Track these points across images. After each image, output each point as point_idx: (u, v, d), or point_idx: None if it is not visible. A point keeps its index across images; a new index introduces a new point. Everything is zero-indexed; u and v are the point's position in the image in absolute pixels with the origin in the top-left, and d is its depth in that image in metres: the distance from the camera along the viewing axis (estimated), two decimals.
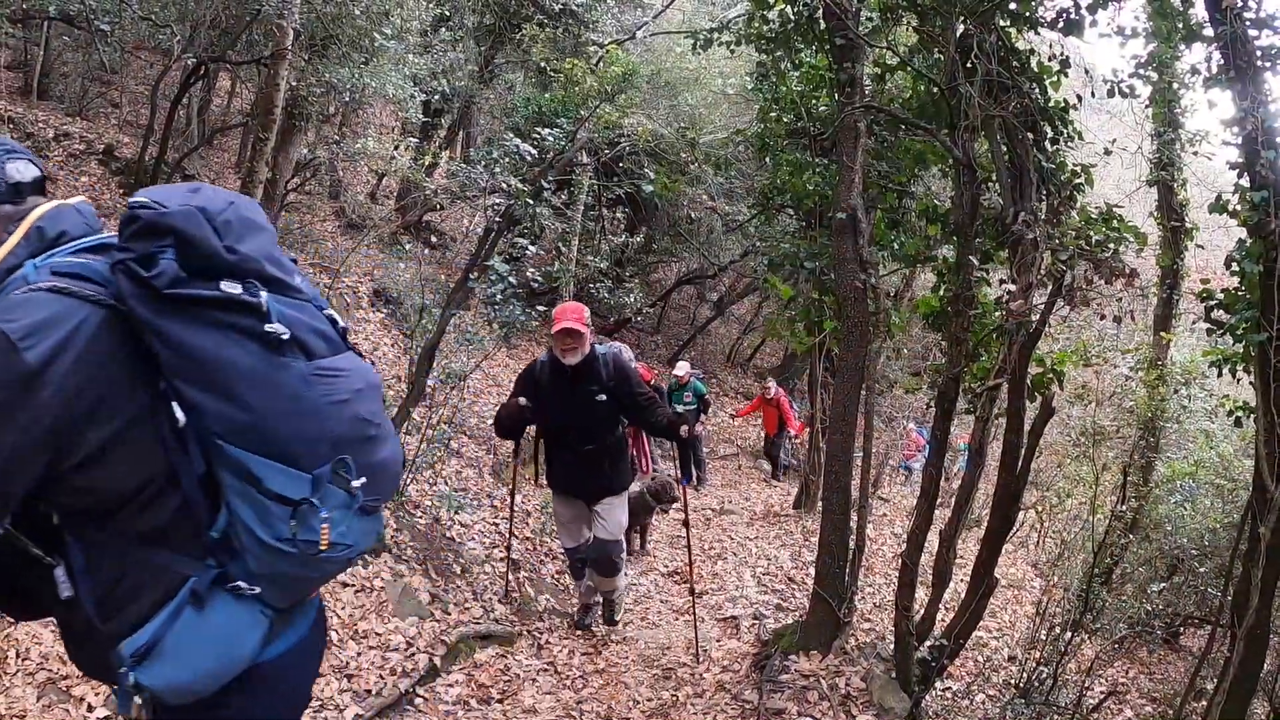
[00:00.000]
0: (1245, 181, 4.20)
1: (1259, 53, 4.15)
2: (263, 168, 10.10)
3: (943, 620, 5.47)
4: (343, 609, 5.02)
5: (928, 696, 5.17)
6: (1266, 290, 4.08)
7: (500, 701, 4.89)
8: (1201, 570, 7.83)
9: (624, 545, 6.16)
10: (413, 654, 4.90)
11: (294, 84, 10.66)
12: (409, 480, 6.75)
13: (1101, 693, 6.28)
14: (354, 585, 5.29)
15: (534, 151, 7.89)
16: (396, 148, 13.54)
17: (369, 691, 4.47)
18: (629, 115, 12.15)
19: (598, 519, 5.85)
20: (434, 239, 16.89)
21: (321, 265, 11.40)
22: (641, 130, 12.37)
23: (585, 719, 4.86)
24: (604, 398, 5.50)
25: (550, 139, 8.43)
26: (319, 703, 4.24)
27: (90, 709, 3.59)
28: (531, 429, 6.20)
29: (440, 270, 14.67)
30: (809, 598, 5.65)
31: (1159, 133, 10.42)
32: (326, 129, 14.38)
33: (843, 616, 5.23)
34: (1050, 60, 5.13)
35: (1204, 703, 5.07)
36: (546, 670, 5.52)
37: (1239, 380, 4.94)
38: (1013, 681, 5.93)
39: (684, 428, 5.69)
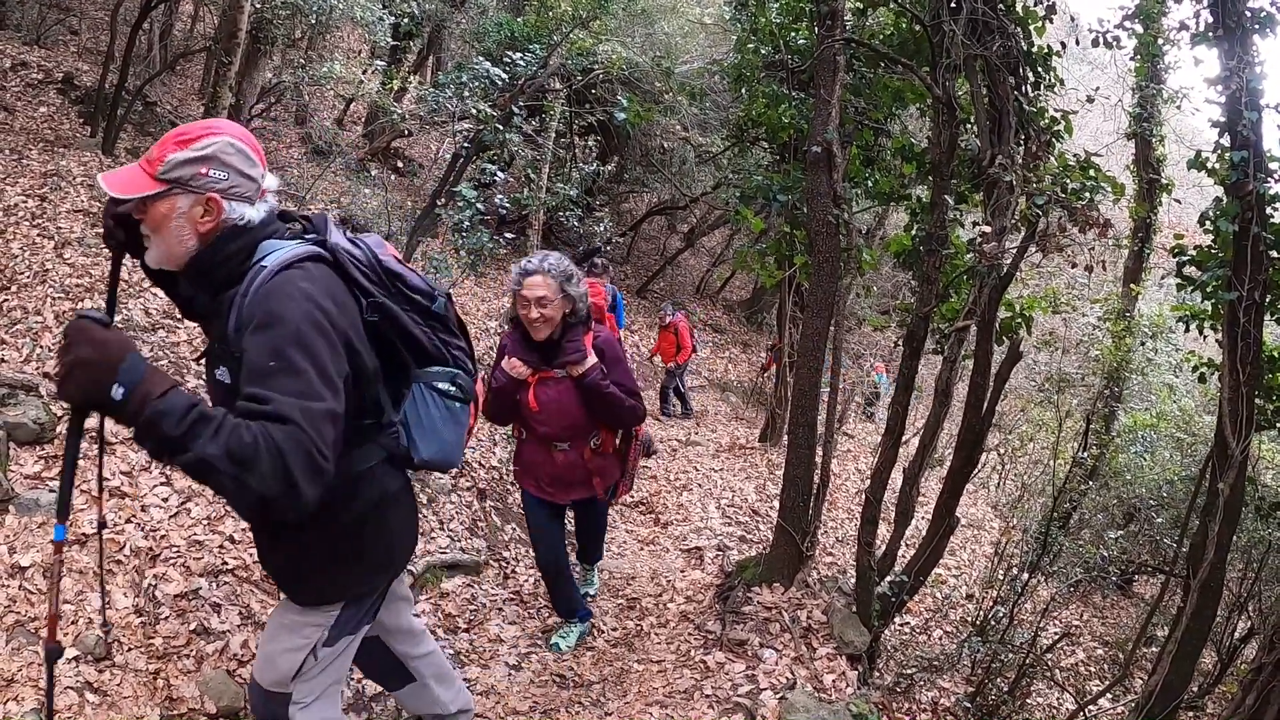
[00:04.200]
0: (1226, 141, 4.22)
1: (1249, 14, 4.14)
2: (227, 93, 9.87)
3: (903, 557, 5.56)
4: None
5: (887, 631, 5.28)
6: (1240, 250, 4.12)
7: (467, 631, 4.93)
8: (1158, 520, 8.03)
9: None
10: None
11: (258, 6, 10.37)
12: None
13: (1055, 634, 6.46)
14: None
15: (505, 76, 7.74)
16: (364, 72, 13.24)
17: None
18: (603, 42, 11.95)
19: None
20: (401, 165, 16.67)
21: (287, 192, 11.18)
22: (615, 58, 12.16)
23: (551, 648, 4.91)
24: (224, 375, 2.31)
25: (522, 64, 8.27)
26: None
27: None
28: None
29: (408, 197, 14.47)
30: (772, 530, 5.71)
31: (1141, 86, 10.44)
32: (292, 53, 14.04)
33: (805, 550, 5.30)
34: (1036, 5, 5.08)
35: (1154, 649, 5.22)
36: (513, 600, 5.56)
37: (1205, 337, 5.01)
38: (970, 619, 6.07)
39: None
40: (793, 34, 7.97)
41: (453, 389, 2.68)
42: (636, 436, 4.77)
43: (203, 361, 2.55)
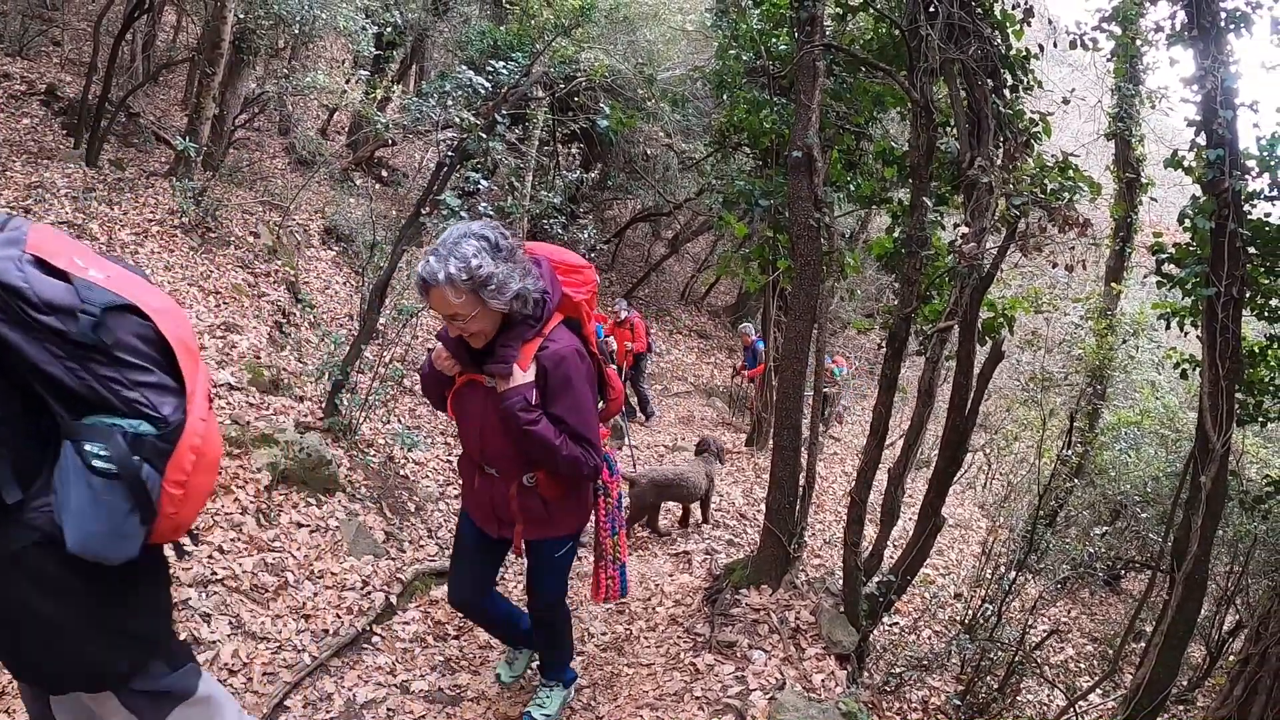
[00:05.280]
0: (1202, 139, 4.28)
1: (1223, 14, 4.20)
2: (210, 104, 9.87)
3: (891, 557, 5.59)
4: (298, 550, 5.01)
5: (875, 631, 5.30)
6: (1217, 246, 4.17)
7: (457, 638, 4.93)
8: (1143, 516, 8.09)
9: None
10: (369, 593, 4.92)
11: (242, 16, 10.38)
12: (363, 419, 6.70)
13: (1044, 631, 6.50)
14: (309, 525, 5.28)
15: (488, 85, 7.74)
16: (348, 82, 13.25)
17: (326, 631, 4.49)
18: (586, 50, 12.00)
19: None
20: (385, 174, 16.68)
21: (271, 203, 11.17)
22: (598, 65, 12.21)
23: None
24: None
25: (505, 73, 8.27)
26: (277, 644, 4.25)
27: None
28: None
29: (392, 206, 14.48)
30: (760, 533, 5.72)
31: (1119, 87, 10.56)
32: (275, 63, 14.06)
33: (793, 552, 5.31)
34: (1014, 9, 5.12)
35: (1142, 644, 5.25)
36: None
37: (1186, 334, 5.07)
38: (958, 618, 6.10)
39: None
40: (773, 40, 8.01)
41: (101, 456, 1.83)
42: (609, 493, 3.70)
43: None
